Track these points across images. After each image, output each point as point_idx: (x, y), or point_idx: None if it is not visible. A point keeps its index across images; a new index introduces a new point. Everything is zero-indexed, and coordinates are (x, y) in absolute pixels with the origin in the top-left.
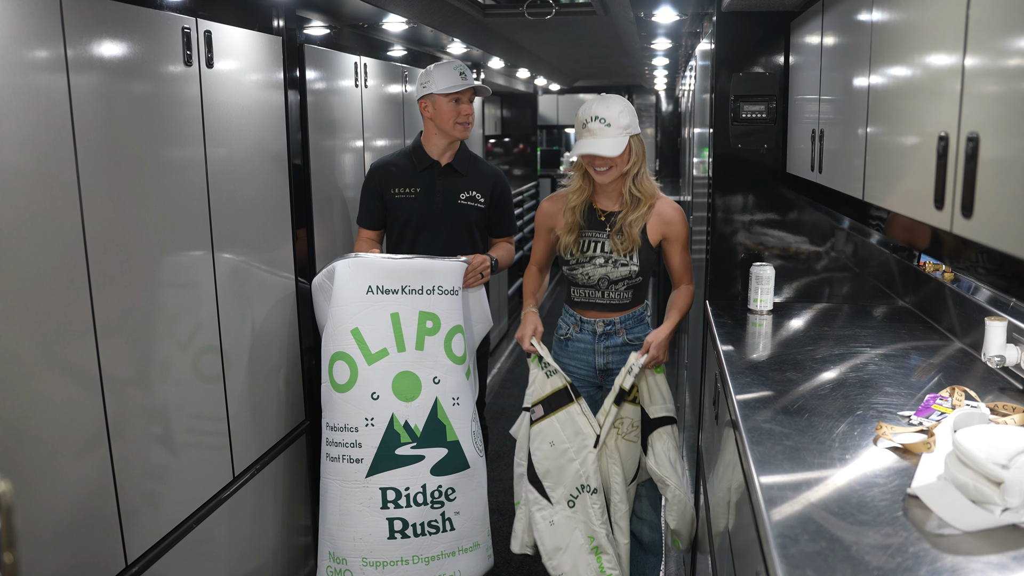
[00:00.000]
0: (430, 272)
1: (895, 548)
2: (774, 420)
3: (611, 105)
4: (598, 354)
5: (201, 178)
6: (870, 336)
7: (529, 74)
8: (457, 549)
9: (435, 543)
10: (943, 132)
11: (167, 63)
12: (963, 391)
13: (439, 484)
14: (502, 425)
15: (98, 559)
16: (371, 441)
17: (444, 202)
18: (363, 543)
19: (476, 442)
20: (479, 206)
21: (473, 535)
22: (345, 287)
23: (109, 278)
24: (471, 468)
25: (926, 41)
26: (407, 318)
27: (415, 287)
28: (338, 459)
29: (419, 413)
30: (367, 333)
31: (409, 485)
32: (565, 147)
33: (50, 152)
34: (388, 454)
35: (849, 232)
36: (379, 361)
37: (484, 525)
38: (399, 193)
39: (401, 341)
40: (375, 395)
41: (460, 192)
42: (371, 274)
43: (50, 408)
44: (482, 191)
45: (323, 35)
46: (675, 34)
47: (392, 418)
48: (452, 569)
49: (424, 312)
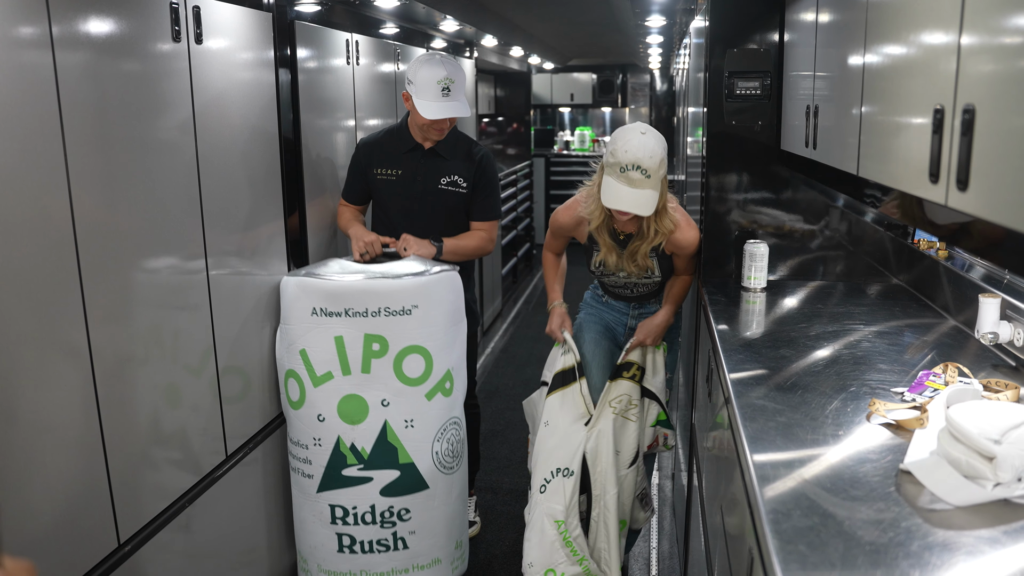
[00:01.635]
0: (376, 293)
1: (887, 523)
2: (767, 397)
3: (653, 149)
4: (631, 316)
5: (191, 157)
6: (864, 314)
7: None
8: (412, 566)
9: (385, 560)
10: (939, 105)
11: (155, 39)
12: (956, 368)
13: (390, 505)
14: (496, 404)
15: (90, 538)
16: (319, 460)
17: (425, 186)
18: (317, 551)
19: (441, 460)
20: (460, 191)
21: (432, 552)
22: (292, 307)
23: (98, 259)
24: (430, 488)
25: (922, 17)
26: (351, 341)
27: (359, 310)
28: (296, 470)
29: (366, 436)
30: (313, 355)
31: (357, 504)
32: (559, 126)
33: (36, 131)
34: (335, 474)
35: (843, 210)
36: (324, 384)
37: (448, 539)
38: (381, 174)
39: (346, 364)
40: (321, 417)
41: (442, 176)
42: (315, 296)
43: (41, 389)
44: (464, 176)
45: (314, 12)
46: (669, 11)
47: (338, 440)
48: None
49: (370, 335)
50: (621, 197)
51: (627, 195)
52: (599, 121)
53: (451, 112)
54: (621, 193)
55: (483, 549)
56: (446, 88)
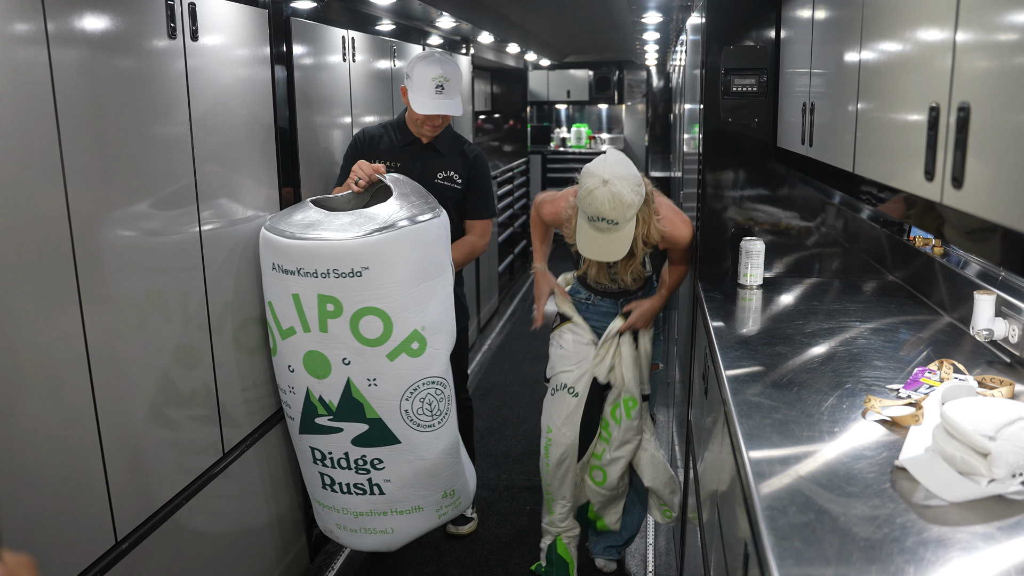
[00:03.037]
0: (323, 256)
1: (882, 519)
2: (763, 394)
3: (618, 200)
4: (619, 316)
5: (187, 154)
6: (860, 311)
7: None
8: (390, 510)
9: (362, 502)
10: (934, 103)
11: (151, 36)
12: (951, 364)
13: (363, 454)
14: (493, 401)
15: (87, 535)
16: (296, 406)
17: (422, 180)
18: (309, 483)
19: (413, 418)
20: (455, 186)
21: (412, 500)
22: (262, 257)
23: (94, 255)
24: (402, 443)
25: (918, 14)
26: (307, 300)
27: (309, 270)
28: (284, 411)
29: (332, 390)
30: (278, 309)
31: (332, 450)
32: (555, 123)
33: (32, 128)
34: (309, 422)
35: (839, 207)
36: (289, 338)
37: (432, 490)
38: None
39: (305, 322)
40: (291, 368)
41: (438, 171)
42: (273, 251)
43: (37, 386)
44: (460, 171)
45: (310, 8)
46: (666, 7)
47: (307, 391)
48: (383, 526)
49: (323, 295)
50: (592, 245)
51: (598, 242)
52: (596, 118)
53: (443, 109)
54: (592, 241)
55: (480, 545)
56: (440, 86)
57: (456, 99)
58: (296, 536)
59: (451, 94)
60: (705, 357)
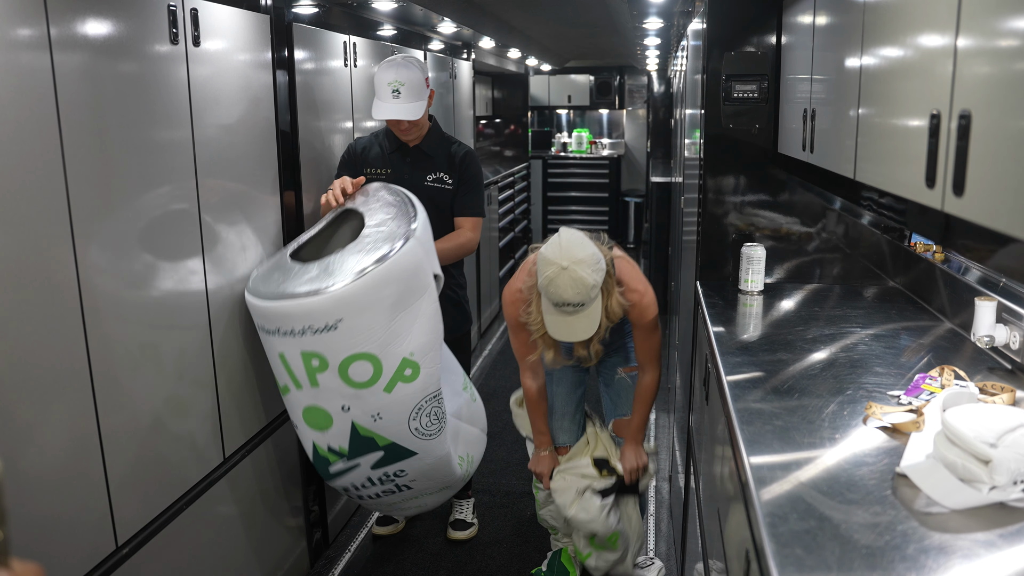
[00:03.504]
0: (294, 315)
1: (884, 526)
2: (764, 400)
3: (579, 284)
4: (592, 368)
5: (189, 158)
6: (860, 317)
7: (520, 54)
8: (421, 494)
9: (392, 499)
10: (935, 110)
11: (153, 41)
12: (952, 371)
13: (384, 472)
14: (494, 406)
15: (88, 541)
16: (311, 456)
17: (412, 184)
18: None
19: (422, 432)
20: (446, 187)
21: (438, 484)
22: (252, 318)
23: (96, 260)
24: (418, 454)
25: (919, 20)
26: (292, 358)
27: (286, 330)
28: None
29: (339, 438)
30: (272, 368)
31: (354, 482)
32: (556, 128)
33: (34, 132)
34: (325, 472)
35: (840, 213)
36: (286, 395)
37: (450, 472)
38: (371, 173)
39: (295, 379)
40: (296, 424)
41: (427, 174)
42: (255, 313)
43: (38, 391)
44: (449, 171)
45: (312, 14)
46: (667, 13)
47: (315, 445)
48: (416, 504)
49: (306, 352)
50: (560, 328)
51: (567, 324)
52: (597, 123)
53: (396, 114)
54: (560, 323)
55: (480, 551)
56: (396, 90)
57: (414, 103)
58: (296, 541)
59: (408, 98)
60: (706, 363)
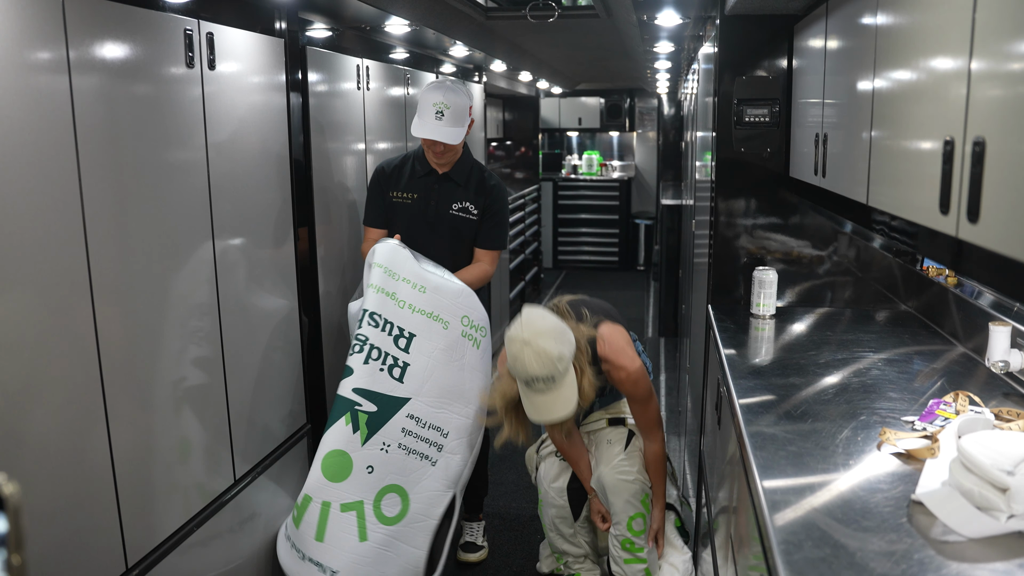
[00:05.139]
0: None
1: (900, 555)
2: (777, 425)
3: (545, 358)
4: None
5: (203, 181)
6: (873, 340)
7: (531, 77)
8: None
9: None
10: (949, 137)
11: (169, 65)
12: (967, 396)
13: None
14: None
15: (99, 563)
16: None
17: (438, 211)
18: None
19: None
20: (471, 218)
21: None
22: None
23: (110, 282)
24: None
25: (932, 45)
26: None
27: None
28: None
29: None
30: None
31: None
32: (567, 150)
33: (52, 154)
34: None
35: (852, 236)
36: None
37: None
38: (397, 197)
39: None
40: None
41: (453, 202)
42: None
43: (50, 411)
44: (475, 203)
45: (325, 37)
46: (678, 37)
47: None
48: None
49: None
50: (539, 408)
51: (544, 404)
52: (607, 145)
53: (437, 134)
54: (537, 404)
55: (490, 574)
56: (440, 112)
57: (455, 128)
58: None
59: (450, 122)
60: (718, 386)
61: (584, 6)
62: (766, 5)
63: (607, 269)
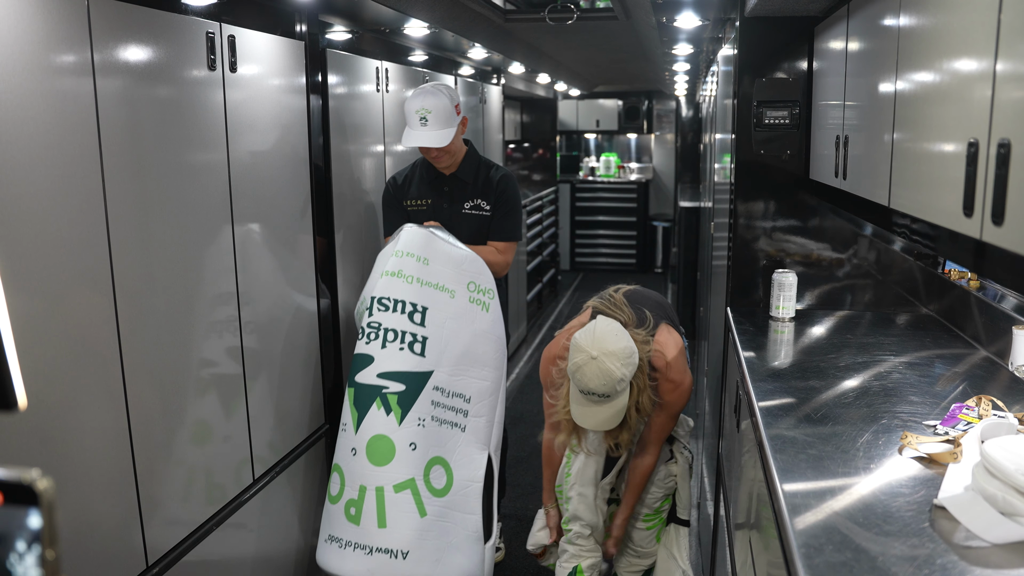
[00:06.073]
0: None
1: (922, 560)
2: (797, 428)
3: (607, 376)
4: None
5: (224, 181)
6: (893, 344)
7: (549, 79)
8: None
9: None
10: (973, 138)
11: (191, 67)
12: (990, 400)
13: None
14: (521, 431)
15: (120, 560)
16: None
17: (451, 212)
18: None
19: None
20: (484, 214)
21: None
22: None
23: (132, 283)
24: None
25: (956, 46)
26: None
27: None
28: None
29: None
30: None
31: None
32: (584, 152)
33: (76, 156)
34: None
35: (872, 239)
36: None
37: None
38: (412, 205)
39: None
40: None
41: (465, 201)
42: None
43: (74, 413)
44: (487, 198)
45: (345, 40)
46: (697, 39)
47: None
48: None
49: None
50: (584, 414)
51: (591, 412)
52: (625, 147)
53: (423, 141)
54: (582, 411)
55: (507, 575)
56: (423, 118)
57: (441, 131)
58: None
59: (436, 125)
60: (737, 389)
61: (603, 8)
62: (786, 7)
63: (625, 271)
